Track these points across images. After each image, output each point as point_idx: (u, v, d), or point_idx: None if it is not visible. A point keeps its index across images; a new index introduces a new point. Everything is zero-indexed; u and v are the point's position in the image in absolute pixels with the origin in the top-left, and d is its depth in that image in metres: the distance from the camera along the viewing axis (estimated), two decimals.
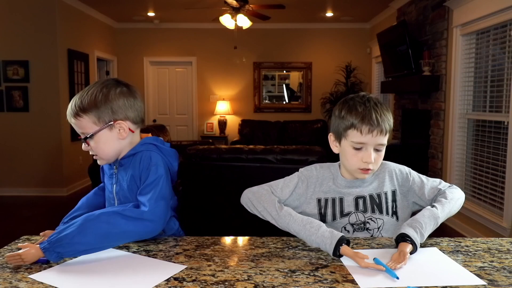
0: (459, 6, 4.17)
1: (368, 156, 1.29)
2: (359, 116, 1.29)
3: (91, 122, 1.29)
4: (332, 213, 1.38)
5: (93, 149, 1.32)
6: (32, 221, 4.52)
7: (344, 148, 1.35)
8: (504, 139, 3.53)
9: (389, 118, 1.32)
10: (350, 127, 1.30)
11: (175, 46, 7.89)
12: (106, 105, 1.28)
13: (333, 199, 1.39)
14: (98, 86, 1.31)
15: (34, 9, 5.49)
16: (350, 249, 1.13)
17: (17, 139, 5.63)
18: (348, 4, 6.32)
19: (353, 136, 1.30)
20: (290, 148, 3.10)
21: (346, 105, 1.34)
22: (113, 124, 1.30)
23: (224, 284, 0.99)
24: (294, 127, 7.64)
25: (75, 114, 1.29)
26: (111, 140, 1.31)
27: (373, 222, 1.37)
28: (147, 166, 1.29)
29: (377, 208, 1.38)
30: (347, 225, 1.38)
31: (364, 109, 1.29)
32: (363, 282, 1.00)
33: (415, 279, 1.02)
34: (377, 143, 1.30)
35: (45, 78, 5.56)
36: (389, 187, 1.40)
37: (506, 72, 3.54)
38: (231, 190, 3.13)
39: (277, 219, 1.31)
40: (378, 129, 1.28)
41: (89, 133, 1.29)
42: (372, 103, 1.31)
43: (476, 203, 3.99)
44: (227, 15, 5.53)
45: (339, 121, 1.35)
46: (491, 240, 1.31)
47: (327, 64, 7.77)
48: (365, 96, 1.35)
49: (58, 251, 1.09)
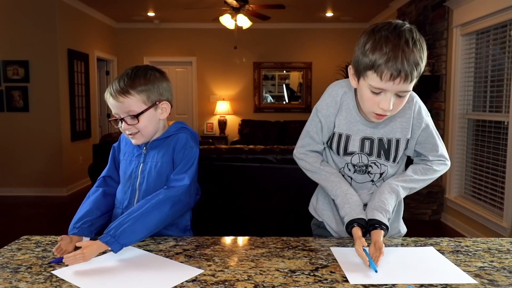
0: (459, 6, 4.17)
1: (386, 103, 1.16)
2: (383, 57, 1.10)
3: (141, 101, 1.33)
4: (336, 148, 1.34)
5: (137, 127, 1.34)
6: (32, 221, 4.52)
7: (361, 88, 1.21)
8: (504, 139, 3.53)
9: (421, 62, 1.12)
10: (370, 68, 1.13)
11: (175, 46, 7.89)
12: (155, 85, 1.35)
13: (339, 134, 1.33)
14: (141, 69, 1.36)
15: (34, 9, 5.49)
16: (358, 233, 1.18)
17: (17, 139, 5.62)
18: (348, 4, 6.32)
19: (372, 79, 1.14)
20: (290, 148, 3.10)
21: (372, 38, 1.14)
22: (158, 104, 1.36)
23: (224, 284, 0.99)
24: (294, 127, 7.63)
25: (125, 92, 1.32)
26: (154, 119, 1.37)
27: (376, 167, 1.33)
28: (184, 147, 1.36)
29: (383, 154, 1.31)
30: (349, 164, 1.35)
31: (392, 49, 1.09)
32: (353, 278, 1.02)
33: (408, 277, 1.02)
34: (400, 90, 1.14)
35: (45, 78, 5.56)
36: (404, 134, 1.30)
37: (506, 72, 3.54)
38: (231, 190, 3.14)
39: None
40: (403, 76, 1.10)
41: (136, 112, 1.32)
42: (404, 40, 1.10)
43: (476, 203, 3.99)
44: (227, 15, 5.53)
45: (360, 56, 1.16)
46: (491, 240, 1.31)
47: (327, 64, 7.76)
48: (399, 27, 1.13)
49: (123, 242, 1.17)
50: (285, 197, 3.03)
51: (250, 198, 3.09)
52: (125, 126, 1.34)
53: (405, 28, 1.12)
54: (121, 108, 1.33)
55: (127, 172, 1.42)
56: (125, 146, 1.47)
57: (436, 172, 1.35)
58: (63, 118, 5.71)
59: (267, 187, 3.06)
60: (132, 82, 1.32)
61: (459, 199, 4.25)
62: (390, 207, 1.26)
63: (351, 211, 1.25)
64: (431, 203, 4.48)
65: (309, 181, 1.46)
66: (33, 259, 1.14)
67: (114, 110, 1.35)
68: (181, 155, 1.36)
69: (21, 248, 1.22)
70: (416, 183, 1.32)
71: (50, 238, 1.32)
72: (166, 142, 1.39)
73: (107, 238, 1.16)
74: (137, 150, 1.43)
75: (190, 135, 1.40)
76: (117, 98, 1.32)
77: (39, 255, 1.17)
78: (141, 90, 1.33)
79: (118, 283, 1.01)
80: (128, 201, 1.40)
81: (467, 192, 4.18)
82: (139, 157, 1.42)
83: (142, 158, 1.41)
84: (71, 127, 5.90)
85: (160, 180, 1.37)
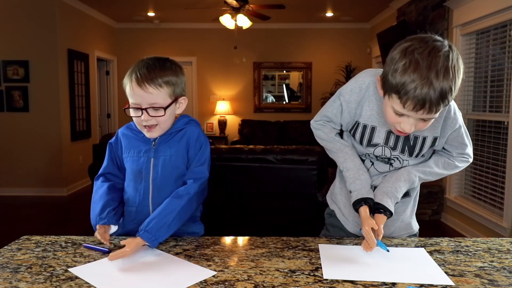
0: (459, 6, 4.17)
1: (407, 126, 1.13)
2: (410, 85, 1.03)
3: (167, 94, 1.30)
4: (360, 138, 1.32)
5: (158, 120, 1.31)
6: (32, 221, 4.52)
7: (386, 104, 1.16)
8: (504, 139, 3.53)
9: (450, 93, 1.04)
10: (395, 92, 1.08)
11: (175, 46, 7.88)
12: (180, 80, 1.34)
13: (364, 125, 1.29)
14: (167, 61, 1.34)
15: (34, 9, 5.49)
16: (366, 213, 1.21)
17: (17, 139, 5.62)
18: (348, 4, 6.32)
19: (395, 103, 1.10)
20: (290, 148, 3.10)
21: (403, 59, 1.06)
22: (179, 99, 1.35)
23: (224, 284, 0.99)
24: (294, 127, 7.63)
25: (155, 83, 1.27)
26: (173, 113, 1.36)
27: (398, 162, 1.31)
28: (197, 139, 1.38)
29: (407, 150, 1.28)
30: (371, 154, 1.32)
31: (420, 78, 1.02)
32: (327, 272, 1.05)
33: (384, 275, 1.05)
34: (423, 117, 1.10)
35: (45, 78, 5.56)
36: (432, 132, 1.25)
37: (506, 72, 3.54)
38: (231, 190, 3.14)
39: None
40: (427, 109, 1.05)
41: (162, 105, 1.29)
42: (435, 71, 1.01)
43: (476, 203, 3.99)
44: (227, 15, 5.53)
45: (388, 73, 1.09)
46: (491, 240, 1.31)
47: (327, 64, 7.77)
48: (435, 51, 1.03)
49: (160, 239, 1.23)
50: (285, 197, 3.03)
51: (250, 198, 3.09)
52: (145, 117, 1.29)
53: (442, 54, 1.03)
54: (146, 98, 1.27)
55: (135, 168, 1.39)
56: (129, 143, 1.42)
57: (457, 167, 1.33)
58: (63, 118, 5.71)
59: (267, 187, 3.06)
60: (163, 73, 1.29)
61: (459, 199, 4.25)
62: (401, 194, 1.27)
63: (361, 188, 1.26)
64: (431, 203, 4.48)
65: (309, 181, 1.46)
66: (33, 259, 1.14)
67: (135, 100, 1.28)
68: (196, 148, 1.38)
69: (21, 248, 1.22)
70: (434, 176, 1.32)
71: (50, 238, 1.31)
72: (178, 135, 1.38)
73: (148, 235, 1.20)
74: (145, 145, 1.39)
75: (198, 126, 1.43)
76: (146, 88, 1.26)
77: (39, 255, 1.17)
78: (170, 83, 1.30)
79: (131, 283, 1.02)
80: (142, 197, 1.38)
81: (467, 192, 4.18)
82: (148, 152, 1.38)
83: (152, 153, 1.38)
84: (71, 127, 5.90)
85: (174, 173, 1.37)
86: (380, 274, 1.05)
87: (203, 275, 1.04)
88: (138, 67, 1.29)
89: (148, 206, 1.37)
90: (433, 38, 1.07)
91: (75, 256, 1.17)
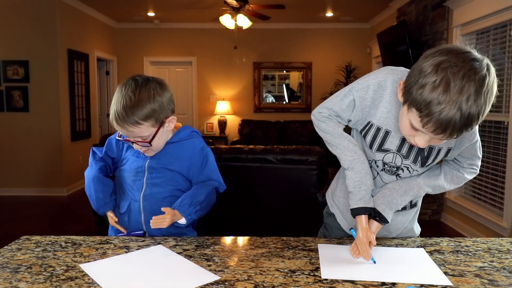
0: (459, 6, 4.17)
1: (421, 142, 1.04)
2: (435, 106, 0.94)
3: (150, 126, 1.34)
4: (370, 141, 1.22)
5: (149, 146, 1.38)
6: (32, 221, 4.52)
7: (403, 112, 1.06)
8: (504, 139, 3.53)
9: (477, 119, 0.96)
10: (417, 107, 0.98)
11: (175, 46, 7.88)
12: (160, 105, 1.34)
13: (378, 128, 1.20)
14: (143, 87, 1.32)
15: (34, 9, 5.49)
16: (364, 223, 1.19)
17: (17, 139, 5.62)
18: (348, 4, 6.32)
19: (415, 119, 1.01)
20: (290, 148, 3.10)
21: (435, 75, 0.95)
22: (165, 121, 1.38)
23: (224, 284, 0.99)
24: (294, 127, 7.63)
25: (133, 123, 1.30)
26: (163, 134, 1.40)
27: (407, 172, 1.23)
28: (202, 150, 1.47)
29: (420, 161, 1.20)
30: (379, 161, 1.24)
31: (448, 101, 0.92)
32: (326, 272, 1.05)
33: (382, 276, 1.05)
34: (440, 139, 1.02)
35: (45, 78, 5.56)
36: (447, 144, 1.17)
37: (506, 72, 3.54)
38: (231, 191, 3.13)
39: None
40: (447, 134, 0.98)
41: (147, 136, 1.35)
42: (466, 95, 0.92)
43: (476, 203, 3.99)
44: (227, 15, 5.53)
45: (416, 85, 0.98)
46: (491, 240, 1.31)
47: (327, 64, 7.77)
48: (471, 73, 0.93)
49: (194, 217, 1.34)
50: (285, 197, 3.03)
51: (250, 198, 3.09)
52: (136, 146, 1.39)
53: (478, 78, 0.93)
54: (130, 134, 1.35)
55: (133, 166, 1.46)
56: (129, 146, 1.50)
57: (464, 180, 1.28)
58: (63, 118, 5.71)
59: (267, 187, 3.06)
60: (138, 109, 1.29)
61: (459, 199, 4.25)
62: (402, 205, 1.26)
63: (365, 195, 1.21)
64: (431, 203, 4.48)
65: (309, 181, 1.46)
66: (33, 259, 1.14)
67: (122, 133, 1.37)
68: (201, 157, 1.46)
69: (21, 248, 1.22)
70: (441, 190, 1.29)
71: (50, 238, 1.32)
72: (181, 146, 1.45)
73: (187, 210, 1.32)
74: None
75: (200, 137, 1.50)
76: (127, 128, 1.32)
77: (39, 255, 1.17)
78: (148, 116, 1.31)
79: (131, 283, 1.02)
80: (137, 194, 1.44)
81: (467, 192, 4.18)
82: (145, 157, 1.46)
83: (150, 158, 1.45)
84: (71, 127, 5.90)
85: (168, 178, 1.43)
86: (380, 274, 1.05)
87: (207, 279, 1.03)
88: (116, 103, 1.32)
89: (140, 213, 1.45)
90: (471, 56, 0.96)
91: (75, 256, 1.17)
